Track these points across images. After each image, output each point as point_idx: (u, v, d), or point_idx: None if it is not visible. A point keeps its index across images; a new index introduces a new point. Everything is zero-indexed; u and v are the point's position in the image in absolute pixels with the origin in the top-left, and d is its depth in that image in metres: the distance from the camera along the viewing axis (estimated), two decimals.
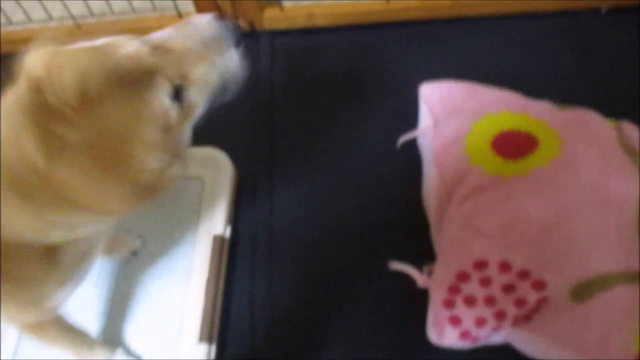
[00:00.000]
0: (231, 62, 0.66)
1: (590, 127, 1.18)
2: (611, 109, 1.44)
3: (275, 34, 1.66)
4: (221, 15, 0.66)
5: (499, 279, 1.04)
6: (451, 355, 1.09)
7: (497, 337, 1.08)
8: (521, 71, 1.53)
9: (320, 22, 1.65)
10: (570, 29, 1.61)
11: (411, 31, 1.62)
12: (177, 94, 0.54)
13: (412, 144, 1.38)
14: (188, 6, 1.60)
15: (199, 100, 0.61)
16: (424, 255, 1.19)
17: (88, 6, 1.62)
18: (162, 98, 0.51)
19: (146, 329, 1.16)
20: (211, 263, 1.19)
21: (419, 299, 1.12)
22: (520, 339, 1.07)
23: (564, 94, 1.46)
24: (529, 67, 1.54)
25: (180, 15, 1.63)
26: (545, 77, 1.52)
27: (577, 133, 1.16)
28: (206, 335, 1.12)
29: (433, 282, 1.09)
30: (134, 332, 1.16)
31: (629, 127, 1.30)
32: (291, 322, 1.19)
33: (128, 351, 1.14)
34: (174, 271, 1.21)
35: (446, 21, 1.61)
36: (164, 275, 1.21)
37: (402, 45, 1.60)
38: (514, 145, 1.16)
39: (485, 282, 1.05)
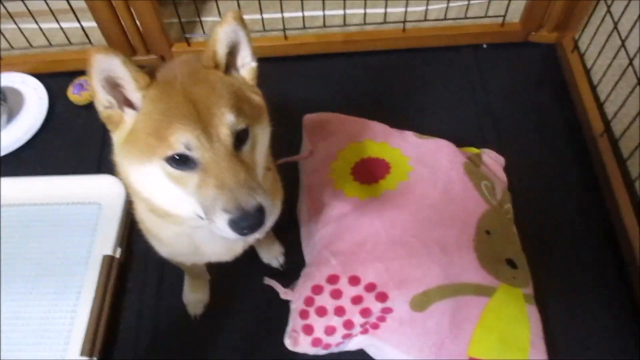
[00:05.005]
0: None
1: (441, 155, 1.33)
2: (485, 133, 1.60)
3: None
4: None
5: (349, 292, 1.17)
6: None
7: (352, 344, 1.20)
8: (407, 101, 1.68)
9: None
10: (453, 62, 1.77)
11: (308, 64, 1.76)
12: None
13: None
14: (101, 41, 1.72)
15: None
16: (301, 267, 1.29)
17: (8, 41, 1.73)
18: None
19: (34, 346, 1.25)
20: (98, 281, 1.29)
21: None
22: (370, 346, 1.19)
23: (446, 120, 1.62)
24: (414, 98, 1.69)
25: None
26: (429, 106, 1.67)
27: (427, 161, 1.30)
28: (87, 350, 1.21)
29: (293, 295, 1.21)
30: (23, 348, 1.25)
31: (489, 154, 1.46)
32: (175, 334, 1.30)
33: None
34: (65, 289, 1.31)
35: (339, 55, 1.76)
36: (56, 292, 1.31)
37: (299, 77, 1.74)
38: (370, 171, 1.30)
39: (336, 294, 1.17)
